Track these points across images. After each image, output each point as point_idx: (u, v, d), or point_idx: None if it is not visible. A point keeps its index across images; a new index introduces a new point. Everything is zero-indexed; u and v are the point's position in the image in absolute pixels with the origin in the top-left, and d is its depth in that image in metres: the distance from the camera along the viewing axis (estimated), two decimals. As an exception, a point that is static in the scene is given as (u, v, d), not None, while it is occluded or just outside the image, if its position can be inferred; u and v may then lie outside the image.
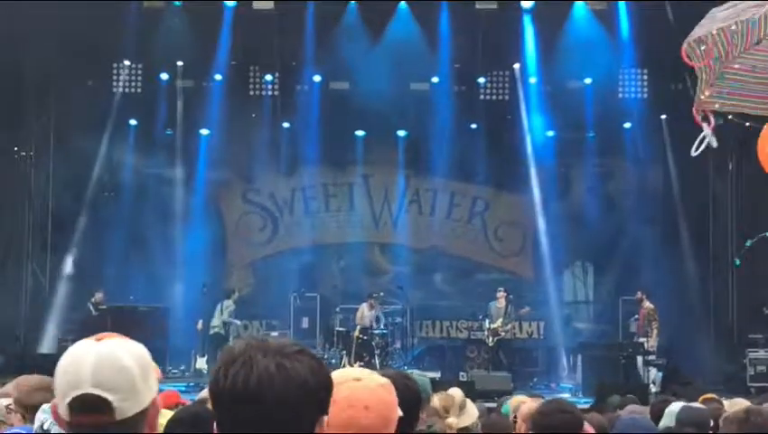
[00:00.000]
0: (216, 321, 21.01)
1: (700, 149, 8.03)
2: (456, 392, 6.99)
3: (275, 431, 2.21)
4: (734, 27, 6.92)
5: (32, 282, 22.24)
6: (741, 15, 6.81)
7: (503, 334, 20.73)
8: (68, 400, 2.45)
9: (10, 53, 18.82)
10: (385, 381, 2.93)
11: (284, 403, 2.20)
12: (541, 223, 22.77)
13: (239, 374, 2.22)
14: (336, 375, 2.81)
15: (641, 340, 19.28)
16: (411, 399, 3.89)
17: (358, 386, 2.84)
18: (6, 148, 21.78)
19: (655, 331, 19.32)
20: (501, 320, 20.75)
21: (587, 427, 5.29)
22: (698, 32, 7.10)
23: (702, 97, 7.29)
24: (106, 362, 2.47)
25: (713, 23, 7.01)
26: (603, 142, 22.69)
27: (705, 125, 7.38)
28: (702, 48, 7.04)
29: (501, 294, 20.97)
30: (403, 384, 3.94)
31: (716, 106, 7.40)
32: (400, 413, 2.95)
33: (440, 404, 6.73)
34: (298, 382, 2.23)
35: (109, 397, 2.44)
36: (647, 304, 19.73)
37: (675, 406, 6.73)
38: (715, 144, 7.51)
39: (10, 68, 18.90)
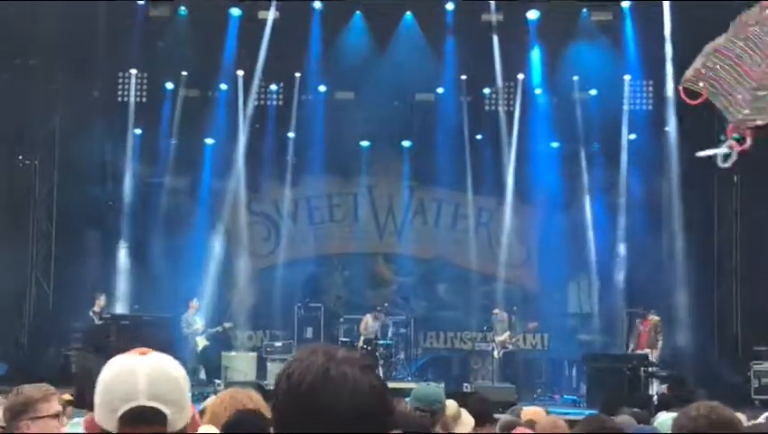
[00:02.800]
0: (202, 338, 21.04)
1: (704, 154, 8.05)
2: (450, 404, 7.02)
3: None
4: (727, 44, 6.95)
5: (35, 291, 22.24)
6: (737, 34, 6.85)
7: (510, 346, 20.75)
8: (120, 412, 2.46)
9: (16, 62, 18.86)
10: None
11: (332, 409, 2.14)
12: (545, 235, 22.74)
13: (298, 370, 2.18)
14: None
15: (646, 351, 19.25)
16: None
17: None
18: (11, 157, 21.80)
19: (660, 343, 19.33)
20: (508, 334, 20.76)
21: None
22: (691, 71, 7.13)
23: (740, 116, 7.27)
24: (159, 374, 2.50)
25: (701, 56, 7.06)
26: (607, 153, 22.65)
27: (732, 143, 7.39)
28: (700, 84, 7.07)
29: (496, 311, 21.09)
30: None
31: (758, 121, 7.41)
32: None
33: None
34: (352, 392, 2.17)
35: (165, 409, 2.47)
36: (652, 316, 19.71)
37: (661, 416, 6.73)
38: (726, 164, 7.53)
39: (15, 77, 18.92)
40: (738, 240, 21.99)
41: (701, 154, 8.26)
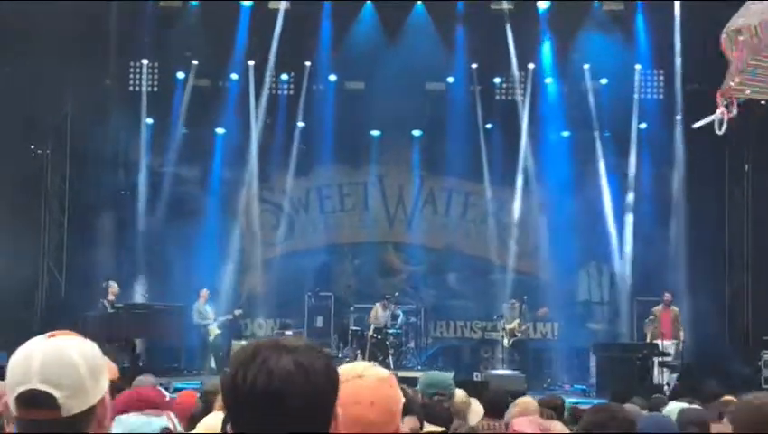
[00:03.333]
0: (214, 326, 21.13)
1: (700, 124, 8.03)
2: (458, 393, 7.04)
3: (295, 431, 2.19)
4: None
5: (47, 279, 22.33)
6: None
7: (519, 334, 20.78)
8: (15, 394, 2.46)
9: (27, 53, 18.90)
10: (387, 374, 2.95)
11: (304, 402, 2.18)
12: (556, 224, 22.73)
13: (259, 375, 2.18)
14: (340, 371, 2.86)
15: (668, 342, 19.22)
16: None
17: (362, 383, 2.86)
18: (23, 147, 21.86)
19: (682, 333, 19.38)
20: (517, 322, 20.79)
21: None
22: (737, 22, 7.09)
23: (732, 83, 7.26)
24: (54, 358, 2.48)
25: (752, 15, 7.00)
26: (618, 142, 22.62)
27: (722, 109, 7.36)
28: (741, 38, 7.04)
29: (512, 301, 21.15)
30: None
31: (748, 92, 7.38)
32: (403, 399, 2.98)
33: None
34: (314, 382, 2.20)
35: (55, 393, 2.44)
36: (674, 307, 19.76)
37: (671, 405, 6.75)
38: (720, 131, 7.52)
39: (27, 67, 18.97)
40: (749, 230, 21.96)
41: (697, 124, 8.23)
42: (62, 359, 2.49)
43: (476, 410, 7.18)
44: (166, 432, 4.42)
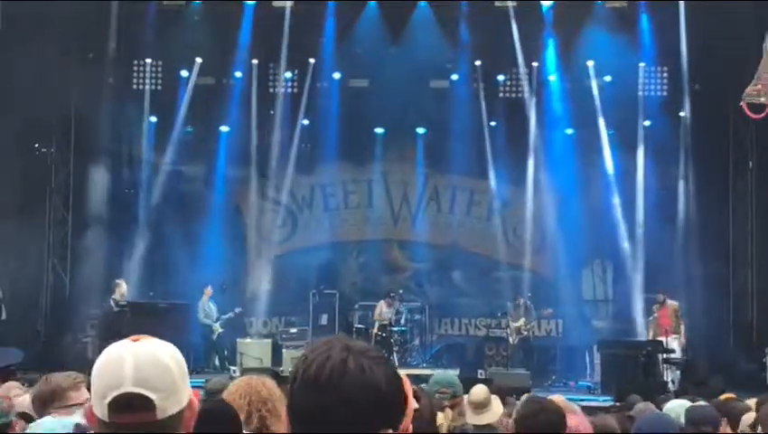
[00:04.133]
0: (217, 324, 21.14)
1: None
2: (478, 389, 6.98)
3: (337, 427, 2.16)
4: None
5: (52, 278, 22.36)
6: None
7: (525, 332, 20.80)
8: (108, 399, 2.44)
9: (31, 52, 18.91)
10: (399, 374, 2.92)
11: (351, 401, 2.15)
12: (560, 221, 22.72)
13: (315, 361, 2.18)
14: None
15: (670, 338, 19.19)
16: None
17: None
18: (27, 145, 21.89)
19: (683, 327, 19.31)
20: (523, 319, 20.80)
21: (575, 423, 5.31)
22: (751, 87, 7.13)
23: None
24: (146, 360, 2.48)
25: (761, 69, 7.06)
26: (622, 140, 22.60)
27: None
28: (762, 99, 7.07)
29: (518, 299, 21.14)
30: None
31: None
32: (416, 405, 2.95)
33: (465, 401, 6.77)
34: (370, 384, 2.18)
35: (151, 395, 2.44)
36: (670, 302, 19.69)
37: (671, 403, 6.76)
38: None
39: (31, 65, 18.99)
40: (754, 226, 21.95)
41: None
42: (155, 361, 2.49)
43: (495, 410, 7.08)
44: (80, 431, 4.41)
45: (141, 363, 2.47)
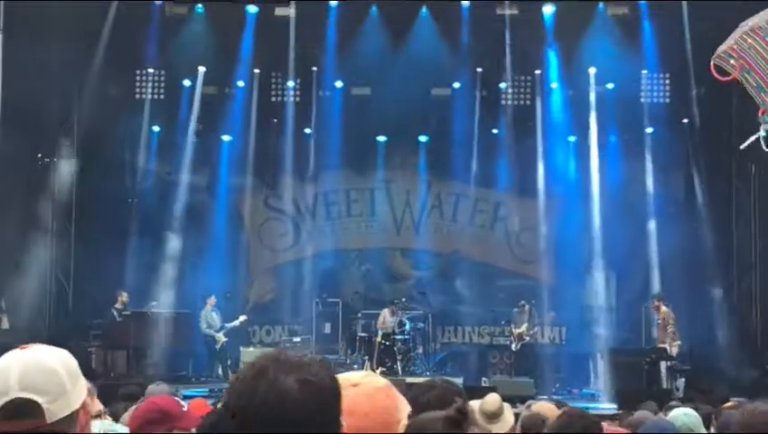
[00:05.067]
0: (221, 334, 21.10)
1: (746, 144, 7.99)
2: (492, 398, 6.91)
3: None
4: (764, 24, 6.88)
5: (55, 288, 22.33)
6: None
7: (527, 338, 20.78)
8: None
9: (33, 61, 18.92)
10: (383, 383, 2.88)
11: (311, 419, 2.18)
12: (563, 229, 22.71)
13: (267, 395, 2.18)
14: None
15: (664, 346, 19.16)
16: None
17: (357, 392, 2.78)
18: (30, 155, 21.88)
19: (669, 334, 19.15)
20: (525, 326, 20.78)
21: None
22: (724, 46, 7.07)
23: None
24: (32, 366, 2.47)
25: (738, 31, 6.99)
26: (625, 147, 22.60)
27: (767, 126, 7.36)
28: (732, 61, 7.01)
29: (522, 303, 21.10)
30: (446, 389, 3.98)
31: None
32: (409, 409, 2.92)
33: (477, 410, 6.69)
34: (322, 396, 2.22)
35: (39, 399, 2.43)
36: (663, 309, 19.63)
37: (674, 411, 6.76)
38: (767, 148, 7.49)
39: (34, 75, 18.99)
40: (757, 231, 21.91)
41: (744, 145, 8.19)
42: (41, 366, 2.49)
43: (507, 420, 6.98)
44: None
45: (26, 368, 2.47)
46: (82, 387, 2.56)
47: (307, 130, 23.17)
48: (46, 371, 2.48)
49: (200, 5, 21.10)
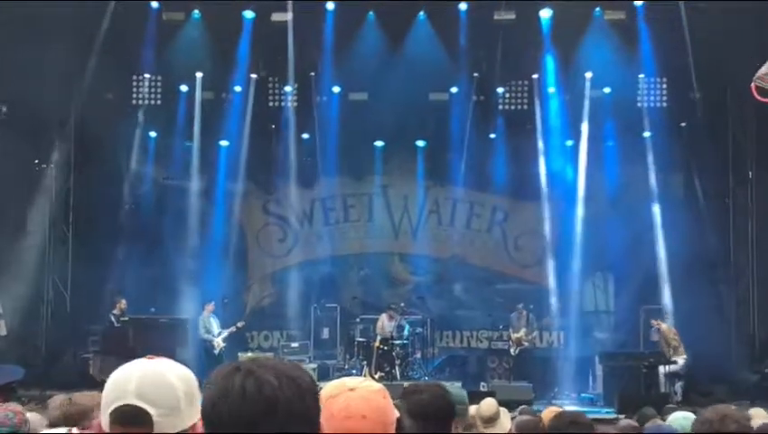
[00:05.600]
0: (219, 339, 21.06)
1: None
2: (488, 403, 6.97)
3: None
4: None
5: (53, 294, 22.31)
6: None
7: (526, 343, 20.77)
8: (110, 410, 2.49)
9: (30, 68, 18.93)
10: (378, 387, 2.91)
11: (287, 412, 2.14)
12: (561, 233, 22.72)
13: (247, 385, 2.15)
14: (331, 387, 2.85)
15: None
16: (446, 409, 3.95)
17: (353, 396, 2.82)
18: (27, 161, 21.87)
19: (673, 348, 19.13)
20: (524, 330, 20.77)
21: None
22: (765, 68, 7.04)
23: None
24: (151, 376, 2.52)
25: None
26: (622, 151, 22.60)
27: None
28: None
29: (520, 307, 21.09)
30: (440, 395, 4.00)
31: None
32: (397, 414, 2.95)
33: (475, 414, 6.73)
34: (304, 392, 2.19)
35: (150, 410, 2.47)
36: (663, 326, 19.65)
37: (673, 415, 6.75)
38: None
39: (30, 82, 18.99)
40: (754, 235, 21.93)
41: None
42: (159, 378, 2.53)
43: (504, 424, 7.07)
44: None
45: (146, 378, 2.51)
46: (197, 409, 2.55)
47: (305, 135, 23.16)
48: (164, 384, 2.52)
49: (196, 11, 21.10)
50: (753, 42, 16.80)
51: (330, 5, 21.02)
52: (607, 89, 22.08)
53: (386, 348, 20.69)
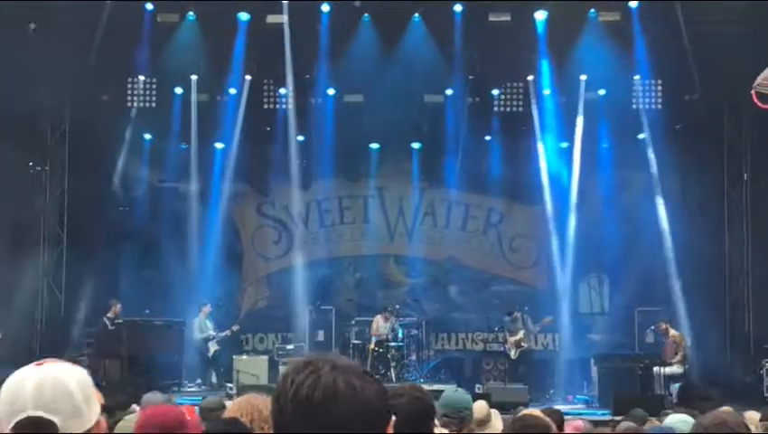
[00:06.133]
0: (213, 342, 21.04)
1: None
2: (479, 406, 7.00)
3: None
4: None
5: (47, 296, 22.29)
6: None
7: (525, 345, 20.76)
8: (12, 424, 2.45)
9: (24, 70, 18.90)
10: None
11: (345, 421, 2.13)
12: (556, 235, 22.72)
13: (305, 384, 2.15)
14: None
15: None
16: (422, 410, 3.93)
17: None
18: (21, 164, 21.85)
19: (678, 357, 19.12)
20: (522, 333, 20.76)
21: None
22: (763, 76, 7.03)
23: None
24: (47, 384, 2.48)
25: None
26: (617, 153, 22.61)
27: None
28: None
29: (513, 312, 21.07)
30: (414, 397, 3.98)
31: None
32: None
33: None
34: (363, 403, 2.16)
35: (53, 418, 2.44)
36: (673, 332, 19.61)
37: (671, 417, 6.75)
38: None
39: (24, 84, 18.96)
40: (749, 238, 21.95)
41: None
42: (56, 384, 2.50)
43: (496, 425, 7.11)
44: None
45: (41, 386, 2.48)
46: (96, 405, 2.57)
47: (300, 138, 23.13)
48: (61, 389, 2.49)
49: (191, 13, 21.07)
50: (749, 43, 16.81)
51: (325, 7, 20.98)
52: (602, 91, 22.09)
53: (381, 350, 20.69)
